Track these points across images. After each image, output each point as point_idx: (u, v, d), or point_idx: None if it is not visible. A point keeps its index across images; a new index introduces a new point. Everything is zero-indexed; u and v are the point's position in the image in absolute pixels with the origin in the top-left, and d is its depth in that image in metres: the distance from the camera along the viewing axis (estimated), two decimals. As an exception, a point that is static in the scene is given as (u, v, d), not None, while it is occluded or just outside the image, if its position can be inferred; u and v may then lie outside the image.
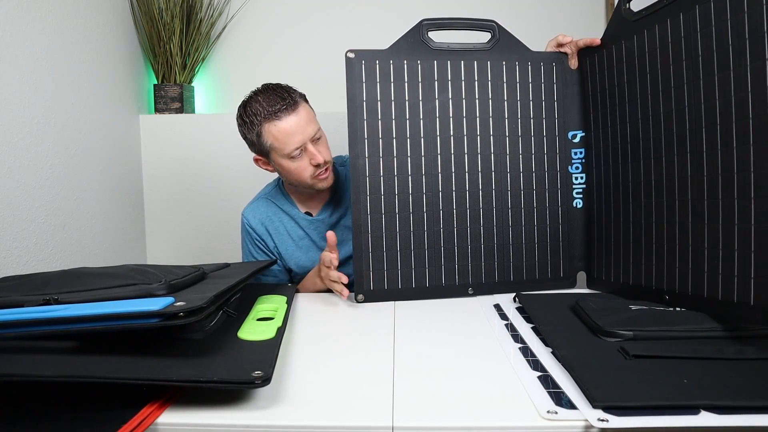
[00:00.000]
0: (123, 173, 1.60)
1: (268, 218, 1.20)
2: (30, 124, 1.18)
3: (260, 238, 1.20)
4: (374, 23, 1.79)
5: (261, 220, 1.19)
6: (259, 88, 1.10)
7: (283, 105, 1.04)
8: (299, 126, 1.05)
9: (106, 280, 0.71)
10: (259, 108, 1.05)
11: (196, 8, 1.71)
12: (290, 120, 1.05)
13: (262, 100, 1.06)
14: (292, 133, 1.05)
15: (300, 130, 1.05)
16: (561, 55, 1.05)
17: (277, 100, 1.05)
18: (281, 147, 1.06)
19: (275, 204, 1.21)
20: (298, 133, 1.05)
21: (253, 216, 1.20)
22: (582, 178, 1.06)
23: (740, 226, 0.73)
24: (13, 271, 1.11)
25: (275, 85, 1.09)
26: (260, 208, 1.21)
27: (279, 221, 1.20)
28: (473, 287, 1.02)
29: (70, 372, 0.55)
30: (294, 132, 1.05)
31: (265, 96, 1.07)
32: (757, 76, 0.70)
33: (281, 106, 1.04)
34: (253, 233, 1.20)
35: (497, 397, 0.59)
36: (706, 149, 0.78)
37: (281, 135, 1.05)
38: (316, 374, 0.66)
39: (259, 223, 1.19)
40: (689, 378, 0.59)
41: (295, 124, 1.05)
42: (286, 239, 1.20)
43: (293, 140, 1.05)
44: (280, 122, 1.04)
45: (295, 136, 1.05)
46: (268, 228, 1.19)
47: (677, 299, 0.84)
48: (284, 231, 1.20)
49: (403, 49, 1.00)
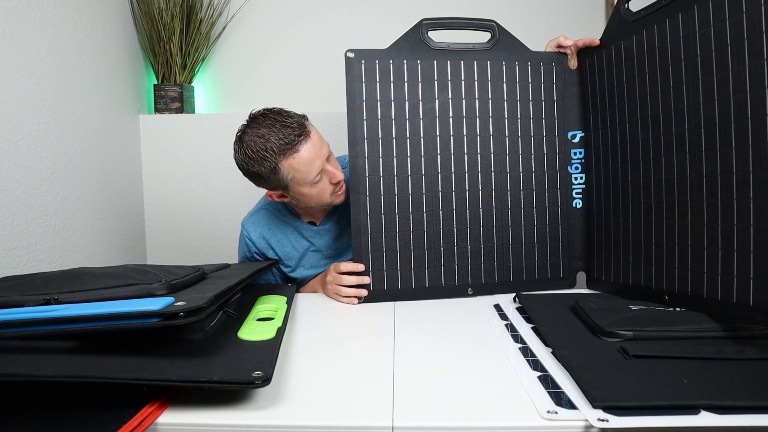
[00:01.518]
0: (123, 173, 1.60)
1: (269, 231, 1.16)
2: (30, 124, 1.18)
3: (259, 251, 1.16)
4: (374, 23, 1.79)
5: (261, 233, 1.16)
6: (258, 118, 1.01)
7: (297, 136, 0.98)
8: (316, 151, 1.00)
9: (106, 280, 0.71)
10: (268, 144, 0.97)
11: (196, 8, 1.71)
12: (308, 149, 0.99)
13: (269, 135, 0.98)
14: (313, 161, 0.99)
15: (318, 155, 1.00)
16: (561, 55, 1.05)
17: (288, 132, 0.98)
18: (304, 177, 1.00)
19: (276, 215, 1.17)
20: (318, 158, 1.00)
21: (254, 229, 1.16)
22: (581, 178, 1.06)
23: (739, 226, 0.73)
24: (13, 271, 1.11)
25: (276, 114, 1.01)
26: (261, 221, 1.17)
27: (281, 233, 1.16)
28: (473, 287, 1.02)
29: (70, 372, 0.55)
30: (314, 159, 0.99)
31: (271, 130, 0.98)
32: (755, 76, 0.70)
33: (295, 138, 0.98)
34: (252, 246, 1.16)
35: (497, 397, 0.59)
36: (705, 149, 0.78)
37: (302, 166, 0.99)
38: (316, 374, 0.66)
39: (259, 237, 1.15)
40: (689, 378, 0.59)
41: (313, 151, 0.99)
42: (290, 251, 1.16)
43: (315, 167, 1.00)
44: (299, 154, 0.98)
45: (316, 162, 1.00)
46: (269, 241, 1.16)
47: (677, 299, 0.84)
48: (287, 243, 1.16)
49: (402, 48, 1.00)
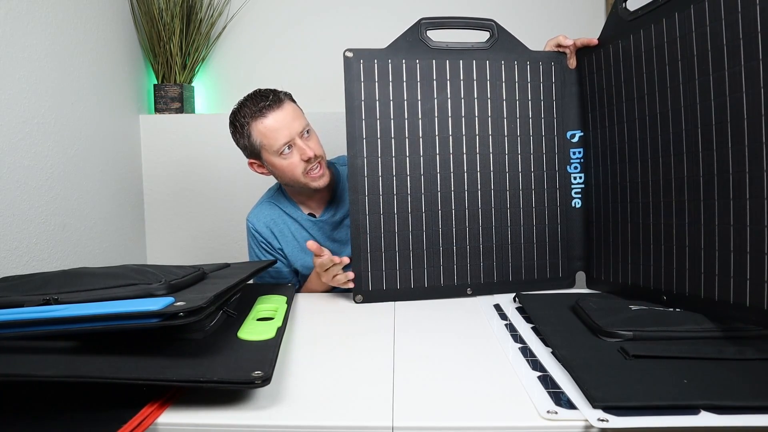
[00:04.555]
0: (123, 173, 1.60)
1: (272, 221, 1.22)
2: (30, 124, 1.18)
3: (266, 241, 1.21)
4: (373, 23, 1.79)
5: (266, 223, 1.21)
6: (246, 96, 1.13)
7: (267, 102, 1.08)
8: (285, 121, 1.08)
9: (106, 280, 0.71)
10: (245, 110, 1.09)
11: (196, 8, 1.71)
12: (276, 116, 1.08)
13: (248, 103, 1.10)
14: (279, 128, 1.08)
15: (286, 125, 1.08)
16: (560, 54, 1.05)
17: (261, 99, 1.09)
18: (270, 144, 1.09)
19: (278, 207, 1.23)
20: (285, 128, 1.08)
21: (258, 220, 1.22)
22: (581, 178, 1.06)
23: (736, 227, 0.73)
24: (13, 271, 1.11)
25: (259, 90, 1.13)
26: (264, 212, 1.23)
27: (283, 224, 1.22)
28: (472, 287, 1.02)
29: (70, 372, 0.55)
30: (280, 127, 1.08)
31: (250, 99, 1.11)
32: (751, 75, 0.70)
33: (265, 104, 1.08)
34: (258, 236, 1.21)
35: (497, 397, 0.59)
36: (702, 149, 0.78)
37: (269, 131, 1.08)
38: (316, 374, 0.66)
39: (264, 227, 1.21)
40: (689, 378, 0.59)
41: (281, 119, 1.08)
42: (291, 241, 1.21)
43: (280, 135, 1.08)
44: (266, 119, 1.07)
45: (282, 131, 1.08)
46: (273, 230, 1.21)
47: (675, 299, 0.84)
48: (289, 233, 1.21)
49: (401, 48, 1.00)
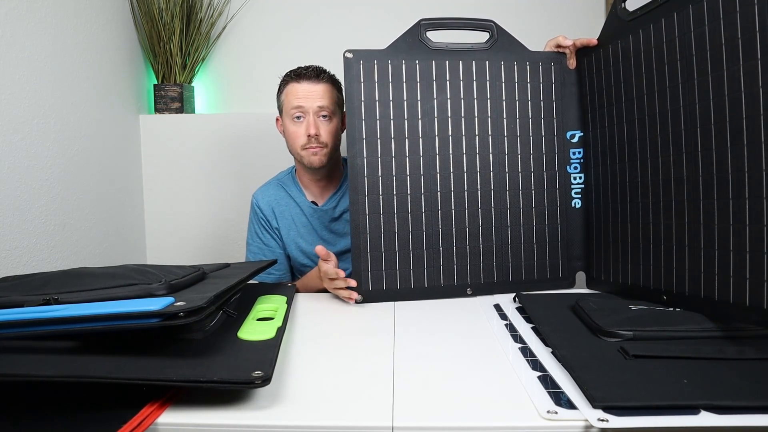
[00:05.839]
0: (123, 173, 1.60)
1: (276, 201, 1.27)
2: (30, 124, 1.18)
3: (266, 218, 1.27)
4: (373, 23, 1.79)
5: (269, 202, 1.27)
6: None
7: (307, 72, 1.16)
8: (309, 93, 1.14)
9: (106, 280, 0.71)
10: (291, 72, 1.19)
11: (196, 8, 1.71)
12: (305, 86, 1.15)
13: (297, 68, 1.18)
14: (300, 97, 1.15)
15: (308, 96, 1.14)
16: (559, 54, 1.05)
17: (306, 69, 1.17)
18: (287, 103, 1.17)
19: (285, 189, 1.28)
20: (306, 98, 1.14)
21: (263, 197, 1.28)
22: (581, 178, 1.06)
23: (735, 226, 0.73)
24: (13, 271, 1.11)
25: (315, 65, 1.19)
26: (270, 191, 1.29)
27: (286, 206, 1.27)
28: (472, 287, 1.02)
29: (70, 372, 0.55)
30: (302, 96, 1.15)
31: (302, 66, 1.19)
32: (749, 75, 0.70)
33: (305, 72, 1.16)
34: (260, 213, 1.27)
35: (497, 397, 0.59)
36: (701, 149, 0.78)
37: (291, 93, 1.16)
38: (316, 374, 0.66)
39: (266, 205, 1.27)
40: (689, 378, 0.59)
41: (307, 89, 1.15)
42: (290, 224, 1.27)
43: (297, 101, 1.15)
44: (297, 84, 1.16)
45: (301, 99, 1.14)
46: (274, 210, 1.27)
47: (675, 299, 0.84)
48: (289, 216, 1.27)
49: (401, 49, 1.00)
